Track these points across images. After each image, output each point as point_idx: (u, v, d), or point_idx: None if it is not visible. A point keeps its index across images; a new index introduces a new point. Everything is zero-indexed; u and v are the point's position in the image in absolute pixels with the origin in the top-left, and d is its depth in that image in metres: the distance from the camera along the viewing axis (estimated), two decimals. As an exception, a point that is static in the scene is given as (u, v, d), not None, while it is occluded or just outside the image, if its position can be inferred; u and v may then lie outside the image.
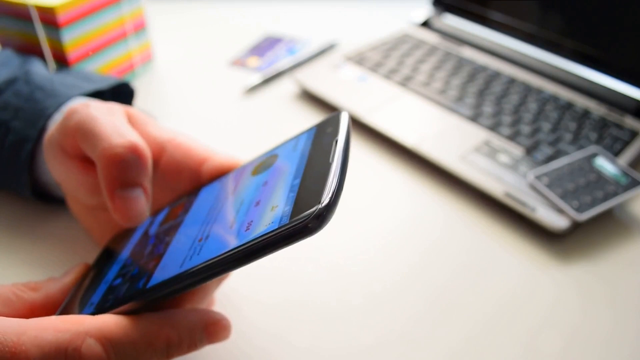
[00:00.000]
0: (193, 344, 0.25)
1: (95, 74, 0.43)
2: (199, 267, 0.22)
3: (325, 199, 0.19)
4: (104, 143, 0.27)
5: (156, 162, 0.31)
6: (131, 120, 0.31)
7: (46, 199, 0.38)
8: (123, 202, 0.27)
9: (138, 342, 0.23)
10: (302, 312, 0.33)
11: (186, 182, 0.31)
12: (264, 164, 0.27)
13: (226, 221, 0.24)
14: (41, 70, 0.40)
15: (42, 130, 0.35)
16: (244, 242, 0.21)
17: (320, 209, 0.19)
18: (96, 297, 0.26)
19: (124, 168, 0.27)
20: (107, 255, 0.30)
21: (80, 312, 0.25)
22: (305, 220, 0.19)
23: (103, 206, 0.32)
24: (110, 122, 0.28)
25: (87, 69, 0.49)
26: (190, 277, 0.22)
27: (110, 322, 0.23)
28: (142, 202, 0.28)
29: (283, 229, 0.20)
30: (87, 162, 0.30)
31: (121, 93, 0.42)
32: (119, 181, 0.27)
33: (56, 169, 0.31)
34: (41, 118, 0.35)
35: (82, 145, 0.28)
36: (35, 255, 0.36)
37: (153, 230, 0.29)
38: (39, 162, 0.35)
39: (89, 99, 0.37)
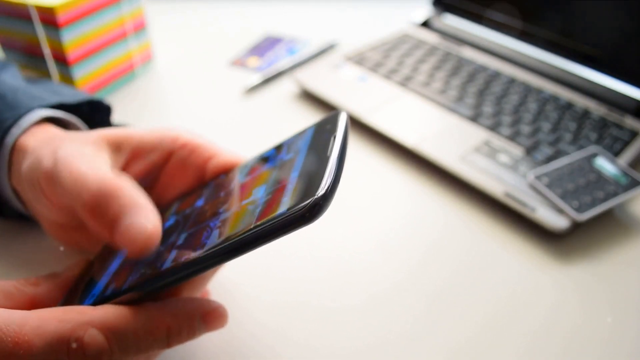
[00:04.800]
0: (192, 332, 0.25)
1: (67, 88, 0.40)
2: (199, 257, 0.23)
3: (322, 190, 0.20)
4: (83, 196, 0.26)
5: (162, 162, 0.31)
6: (119, 146, 0.30)
7: (4, 215, 0.36)
8: (125, 237, 0.25)
9: (139, 331, 0.23)
10: (302, 310, 0.33)
11: (191, 179, 0.31)
12: (265, 160, 0.27)
13: (229, 214, 0.25)
14: (9, 79, 0.37)
15: None
16: (243, 231, 0.22)
17: (316, 199, 0.20)
18: (97, 289, 0.26)
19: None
20: (108, 251, 0.30)
21: (81, 303, 0.26)
22: (302, 210, 0.20)
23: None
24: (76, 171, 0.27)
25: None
26: (190, 266, 0.23)
27: (111, 312, 0.23)
28: (145, 232, 0.25)
29: (280, 218, 0.21)
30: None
31: (99, 108, 0.39)
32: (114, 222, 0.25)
33: (39, 201, 0.30)
34: None
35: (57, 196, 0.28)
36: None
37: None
38: None
39: (51, 111, 0.34)
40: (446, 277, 0.36)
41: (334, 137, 0.23)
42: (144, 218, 0.25)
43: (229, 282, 0.34)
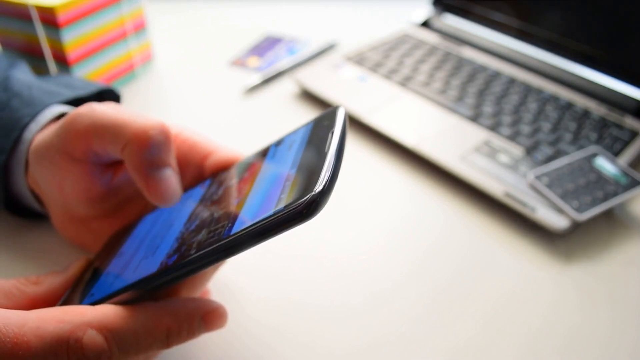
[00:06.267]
0: (192, 332, 0.25)
1: (79, 80, 0.40)
2: (197, 254, 0.23)
3: (319, 187, 0.20)
4: (133, 127, 0.27)
5: None
6: None
7: (17, 213, 0.36)
8: (158, 182, 0.27)
9: (139, 331, 0.23)
10: (301, 309, 0.33)
11: (190, 176, 0.31)
12: (263, 157, 0.27)
13: (227, 211, 0.25)
14: (22, 76, 0.38)
15: (17, 141, 0.33)
16: (241, 228, 0.22)
17: (313, 195, 0.20)
18: (97, 288, 0.26)
19: (156, 149, 0.27)
20: (108, 250, 0.30)
21: (81, 302, 0.26)
22: (300, 206, 0.20)
23: (98, 215, 0.32)
24: (125, 112, 0.28)
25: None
26: (189, 265, 0.23)
27: (110, 312, 0.23)
28: (175, 181, 0.28)
29: (278, 215, 0.20)
30: (94, 165, 0.30)
31: (106, 99, 0.40)
32: (152, 163, 0.27)
33: (53, 179, 0.30)
34: (15, 129, 0.33)
35: (99, 143, 0.28)
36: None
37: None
38: (12, 174, 0.34)
39: (66, 107, 0.35)
40: (446, 276, 0.36)
41: (332, 133, 0.23)
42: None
43: (228, 282, 0.34)
